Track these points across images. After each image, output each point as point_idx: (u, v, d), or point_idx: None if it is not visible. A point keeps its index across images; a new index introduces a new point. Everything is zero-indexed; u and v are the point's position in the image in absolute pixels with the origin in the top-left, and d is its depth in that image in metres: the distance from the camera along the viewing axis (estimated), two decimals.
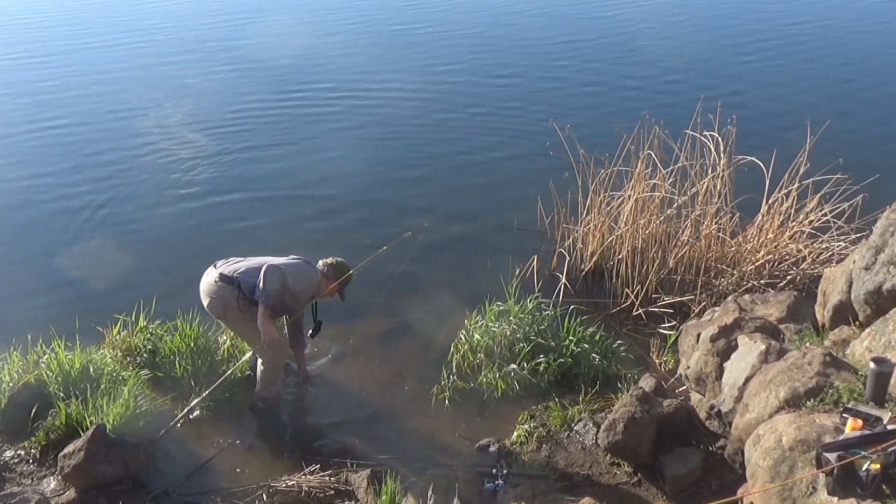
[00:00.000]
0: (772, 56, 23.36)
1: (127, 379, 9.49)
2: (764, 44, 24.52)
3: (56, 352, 9.69)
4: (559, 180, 12.36)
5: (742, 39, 25.15)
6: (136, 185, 15.94)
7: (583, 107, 19.25)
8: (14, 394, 9.27)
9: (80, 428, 8.76)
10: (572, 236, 12.44)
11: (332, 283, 9.60)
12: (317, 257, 9.82)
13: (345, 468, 8.64)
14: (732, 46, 24.47)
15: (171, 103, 20.83)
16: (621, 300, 11.63)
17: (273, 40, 26.28)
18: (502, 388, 9.88)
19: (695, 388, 8.89)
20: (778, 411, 6.81)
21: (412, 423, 9.66)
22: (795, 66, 22.40)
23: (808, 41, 24.72)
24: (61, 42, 27.61)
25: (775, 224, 11.83)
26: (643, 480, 8.27)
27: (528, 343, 10.21)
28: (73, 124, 19.37)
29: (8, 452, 8.93)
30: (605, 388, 9.84)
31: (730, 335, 8.47)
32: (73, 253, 13.38)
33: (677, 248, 11.76)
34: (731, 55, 23.56)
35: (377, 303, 11.88)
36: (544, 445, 8.93)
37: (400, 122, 19.03)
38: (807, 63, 22.60)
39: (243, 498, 8.32)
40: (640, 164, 11.60)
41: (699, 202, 11.71)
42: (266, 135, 18.51)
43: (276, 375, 9.74)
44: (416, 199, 15.20)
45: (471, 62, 23.75)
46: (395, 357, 10.84)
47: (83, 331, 10.29)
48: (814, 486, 5.95)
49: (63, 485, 8.36)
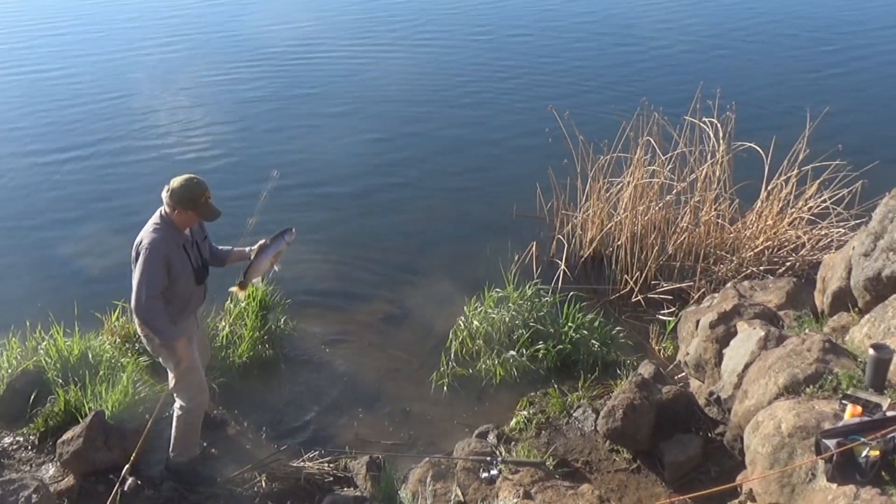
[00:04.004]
0: (771, 41, 23.32)
1: (126, 365, 9.50)
2: (763, 29, 24.46)
3: (55, 338, 9.71)
4: (558, 167, 12.32)
5: (741, 25, 25.05)
6: (135, 170, 15.90)
7: (582, 93, 19.19)
8: (13, 380, 9.27)
9: (78, 414, 8.80)
10: (571, 223, 12.41)
11: (187, 210, 7.54)
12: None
13: (344, 455, 8.65)
14: (731, 32, 24.36)
15: (171, 89, 20.77)
16: (620, 287, 11.62)
17: (274, 23, 26.34)
18: (501, 374, 9.89)
19: (694, 374, 8.91)
20: (777, 398, 6.83)
21: (411, 410, 9.66)
22: (795, 51, 22.35)
23: (807, 26, 24.63)
24: (62, 26, 27.52)
25: (774, 210, 11.82)
26: (642, 467, 8.31)
27: (527, 329, 10.20)
28: (74, 109, 19.28)
29: (7, 439, 8.94)
30: (604, 375, 9.86)
31: (729, 322, 8.50)
32: (72, 239, 13.33)
33: (676, 235, 11.75)
34: (730, 41, 23.45)
35: (376, 289, 11.89)
36: (543, 432, 8.95)
37: (397, 108, 18.96)
38: (806, 49, 22.55)
39: (241, 485, 8.33)
40: (640, 150, 11.60)
41: (698, 188, 11.71)
42: (267, 118, 18.46)
43: (194, 433, 8.42)
44: (413, 185, 15.18)
45: (469, 48, 23.69)
46: (394, 344, 10.82)
47: (82, 317, 10.26)
48: (813, 472, 5.99)
49: (62, 471, 8.35)
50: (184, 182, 7.46)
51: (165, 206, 7.53)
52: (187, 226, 7.70)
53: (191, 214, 7.55)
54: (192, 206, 7.49)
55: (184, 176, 7.55)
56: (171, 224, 7.58)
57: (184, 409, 8.14)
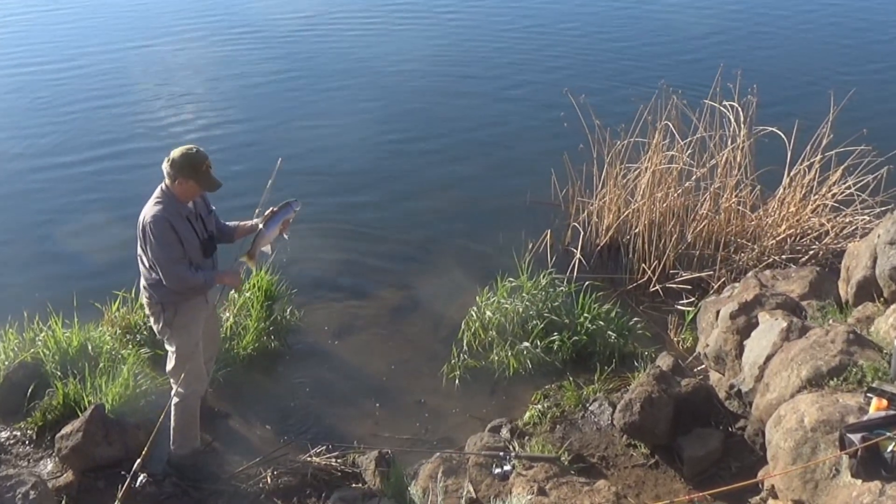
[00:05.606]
0: (794, 23, 23.23)
1: (126, 357, 9.41)
2: (786, 10, 24.41)
3: (53, 329, 9.61)
4: (574, 152, 12.18)
5: (763, 5, 25.05)
6: (136, 159, 15.73)
7: (598, 76, 19.12)
8: (10, 372, 9.19)
9: (77, 408, 8.72)
10: (587, 210, 12.31)
11: (188, 179, 7.54)
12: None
13: (352, 450, 8.56)
14: (752, 12, 24.37)
15: (175, 76, 20.67)
16: (638, 276, 11.53)
17: (283, 9, 26.26)
18: (515, 366, 9.79)
19: (714, 366, 8.87)
20: (800, 391, 6.86)
21: (421, 404, 9.57)
22: (818, 33, 22.32)
23: (831, 7, 24.56)
24: (60, 13, 27.53)
25: (797, 197, 11.70)
26: (660, 462, 8.24)
27: (542, 320, 10.12)
28: (74, 96, 19.19)
29: (3, 433, 8.89)
30: (621, 367, 9.77)
31: (750, 312, 8.46)
32: (71, 228, 13.28)
33: (696, 222, 11.67)
34: (751, 22, 23.43)
35: (385, 278, 11.83)
36: (558, 426, 8.86)
37: (410, 94, 18.88)
38: (830, 31, 22.49)
39: (246, 480, 8.27)
40: (658, 134, 11.49)
41: (718, 174, 11.61)
42: (279, 106, 18.34)
43: (193, 423, 8.39)
44: (426, 170, 15.14)
45: (483, 30, 23.60)
46: (404, 335, 10.75)
47: (81, 308, 10.13)
48: (837, 468, 6.01)
49: (61, 467, 8.29)
50: (184, 151, 7.53)
51: (166, 178, 7.58)
52: (189, 197, 7.73)
53: (192, 184, 7.58)
54: (193, 174, 7.52)
55: (184, 146, 7.64)
56: (173, 197, 7.63)
57: (181, 396, 8.14)
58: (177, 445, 8.33)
